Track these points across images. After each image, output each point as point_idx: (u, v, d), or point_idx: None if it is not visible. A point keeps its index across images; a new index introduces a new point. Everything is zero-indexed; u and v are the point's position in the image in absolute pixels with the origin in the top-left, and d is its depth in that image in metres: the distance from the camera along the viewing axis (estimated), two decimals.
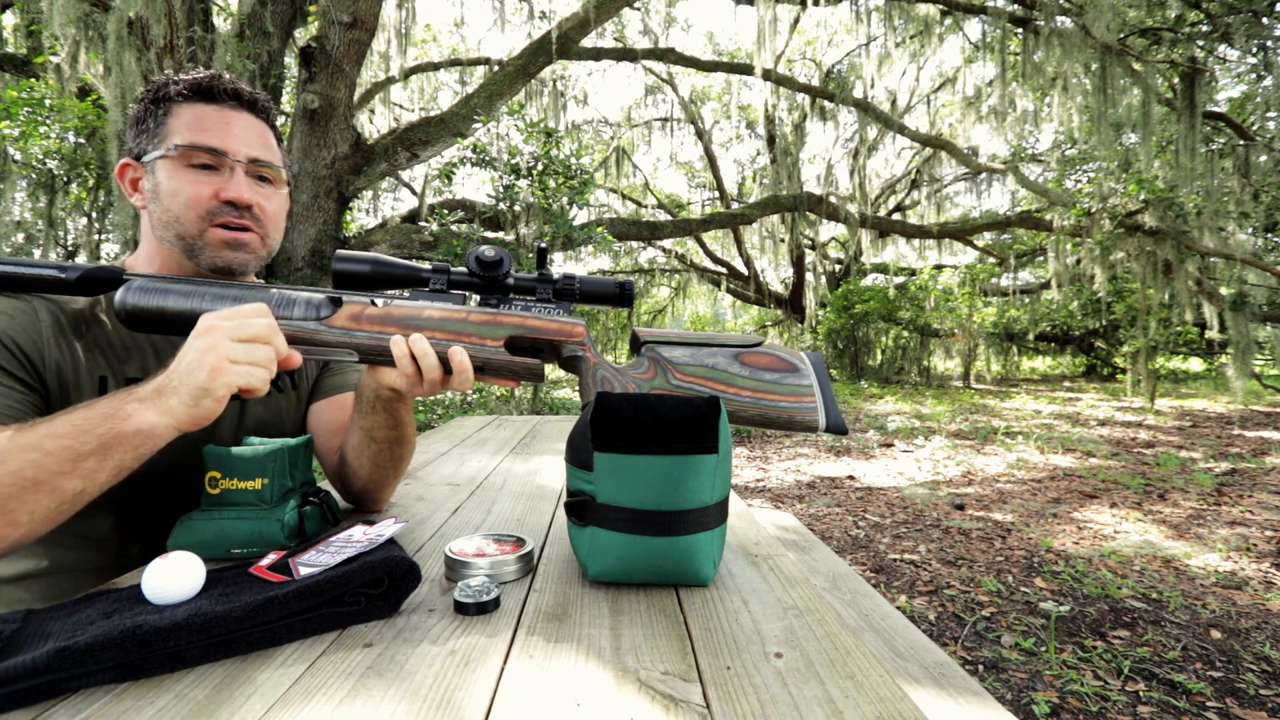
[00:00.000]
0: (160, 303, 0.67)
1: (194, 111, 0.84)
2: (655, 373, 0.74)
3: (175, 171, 0.83)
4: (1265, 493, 4.10)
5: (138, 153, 0.86)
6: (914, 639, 1.42)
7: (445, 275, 0.76)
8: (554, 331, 0.75)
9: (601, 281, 0.79)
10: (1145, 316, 8.54)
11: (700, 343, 0.76)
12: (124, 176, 0.88)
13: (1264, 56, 7.01)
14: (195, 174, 0.84)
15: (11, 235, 6.54)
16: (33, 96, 5.47)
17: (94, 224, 7.05)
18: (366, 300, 0.72)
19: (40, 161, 6.03)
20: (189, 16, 4.28)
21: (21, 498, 0.58)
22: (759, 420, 0.73)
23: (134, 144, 0.87)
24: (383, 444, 0.86)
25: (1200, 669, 2.00)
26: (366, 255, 0.74)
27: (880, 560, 3.00)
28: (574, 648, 0.53)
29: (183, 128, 0.84)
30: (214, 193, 0.84)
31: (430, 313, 0.72)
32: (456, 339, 0.71)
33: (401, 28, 6.77)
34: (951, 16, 7.89)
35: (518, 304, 0.76)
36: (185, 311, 0.67)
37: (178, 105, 0.85)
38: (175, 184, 0.83)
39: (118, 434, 0.61)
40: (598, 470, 0.64)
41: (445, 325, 0.72)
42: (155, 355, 0.88)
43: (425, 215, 6.74)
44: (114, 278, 0.68)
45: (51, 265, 0.68)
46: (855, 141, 11.95)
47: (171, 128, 0.84)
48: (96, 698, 0.45)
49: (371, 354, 0.71)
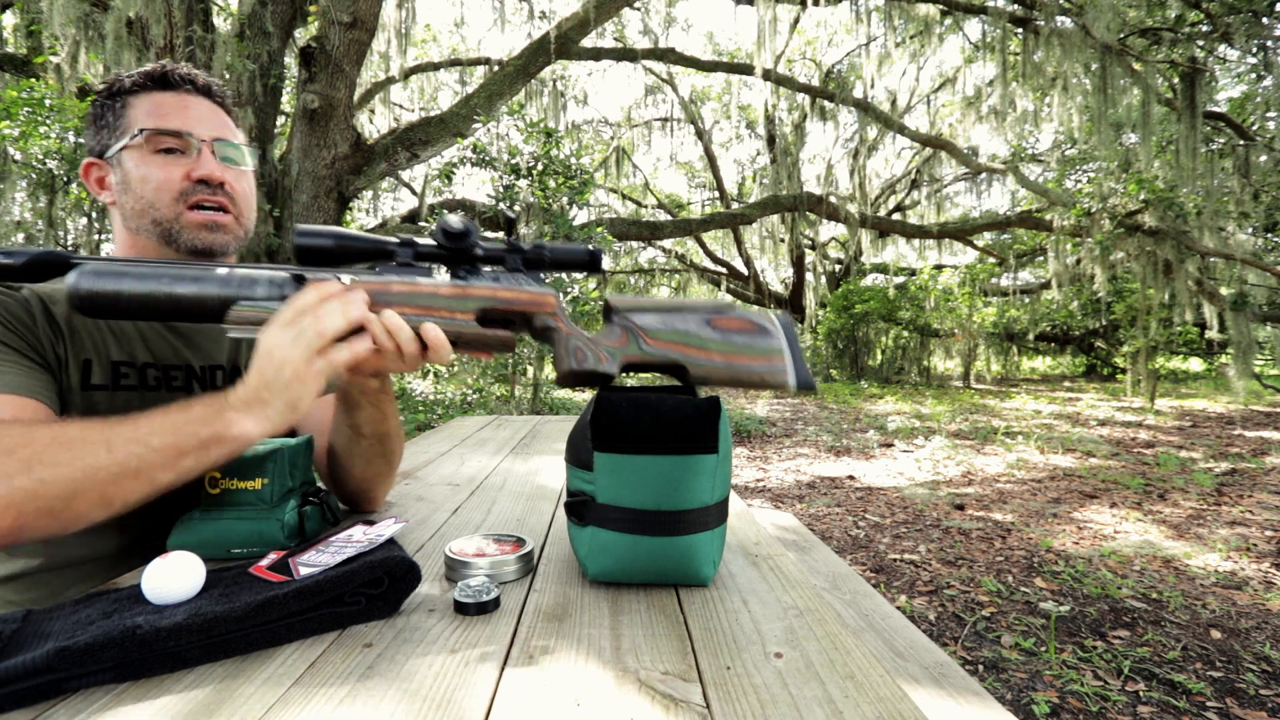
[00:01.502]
0: (115, 286, 0.64)
1: (152, 100, 0.85)
2: (627, 340, 0.73)
3: (142, 159, 0.84)
4: (1265, 493, 4.10)
5: (99, 150, 0.86)
6: (914, 639, 1.42)
7: (411, 249, 0.73)
8: (525, 303, 0.73)
9: (571, 249, 0.77)
10: (1145, 316, 8.54)
11: (671, 308, 0.75)
12: (89, 177, 0.88)
13: (1264, 56, 7.01)
14: (163, 158, 0.84)
15: (11, 235, 6.54)
16: (33, 96, 5.48)
17: (94, 224, 7.05)
18: (330, 277, 0.69)
19: (40, 161, 6.03)
20: (188, 16, 4.28)
21: (120, 484, 0.61)
22: (731, 382, 0.73)
23: (94, 142, 0.87)
24: (371, 439, 0.86)
25: (1200, 669, 2.00)
26: (329, 229, 0.71)
27: (880, 560, 3.00)
28: (574, 648, 0.53)
29: (143, 116, 0.84)
30: (184, 174, 0.84)
31: (398, 288, 0.70)
32: (427, 313, 0.70)
33: (401, 28, 6.77)
34: (951, 16, 7.90)
35: (487, 275, 0.74)
36: (143, 294, 0.64)
37: (135, 96, 0.85)
38: (144, 170, 0.84)
39: (219, 437, 0.63)
40: (598, 470, 0.64)
41: (414, 300, 0.70)
42: (142, 340, 0.88)
43: (425, 215, 6.74)
44: (62, 261, 0.65)
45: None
46: (855, 141, 11.96)
47: (132, 118, 0.84)
48: (96, 698, 0.45)
49: (343, 333, 0.69)
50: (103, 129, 0.86)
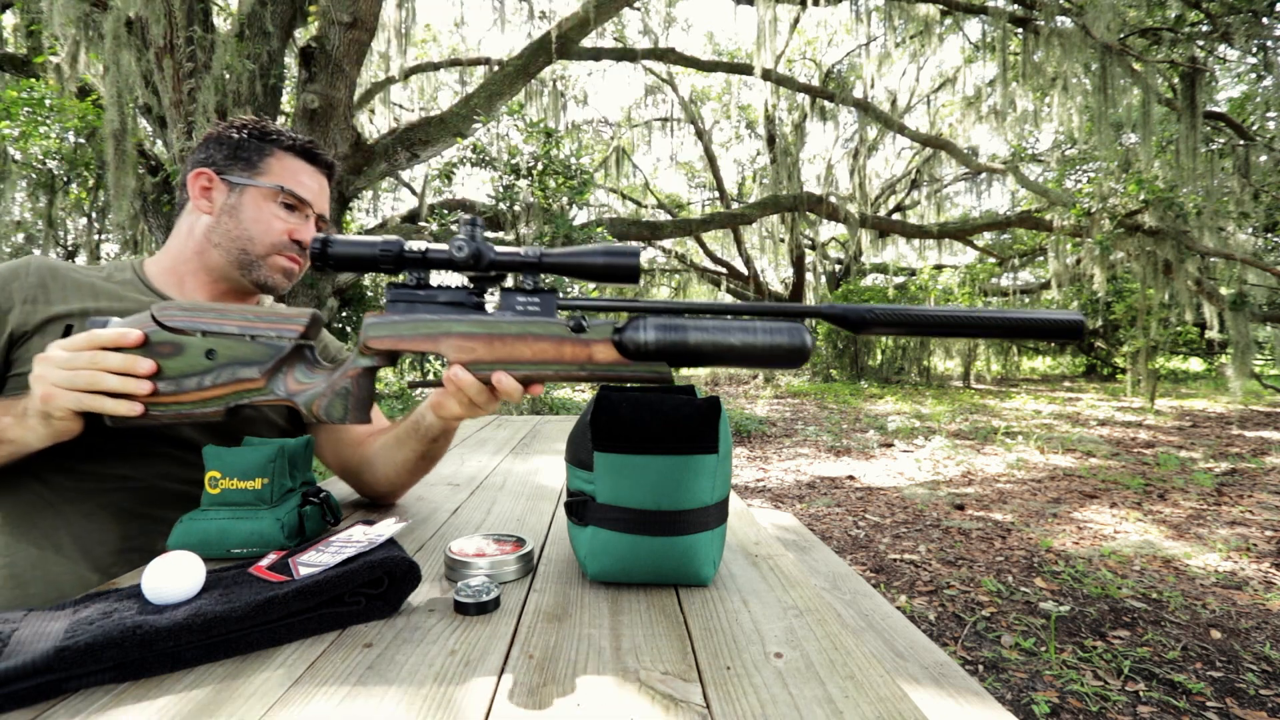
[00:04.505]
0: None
1: (295, 164, 1.00)
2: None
3: (265, 203, 0.97)
4: (1265, 493, 4.10)
5: (221, 168, 0.97)
6: (914, 639, 1.42)
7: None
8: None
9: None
10: (1145, 316, 8.53)
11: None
12: (196, 182, 0.98)
13: (1264, 56, 7.00)
14: (281, 210, 0.99)
15: (11, 235, 6.53)
16: (33, 96, 5.47)
17: (94, 224, 7.04)
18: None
19: (40, 161, 6.02)
20: (188, 16, 4.28)
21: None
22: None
23: (219, 158, 0.97)
24: (432, 460, 0.97)
25: (1200, 669, 2.00)
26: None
27: (880, 560, 3.00)
28: (574, 648, 0.53)
29: (285, 173, 0.99)
30: (289, 230, 0.99)
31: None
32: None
33: (401, 28, 6.76)
34: (951, 16, 7.89)
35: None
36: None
37: (281, 150, 0.99)
38: (261, 213, 0.97)
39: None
40: (598, 470, 0.64)
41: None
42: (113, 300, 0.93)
43: (425, 215, 6.74)
44: None
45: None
46: (855, 141, 11.96)
47: (272, 168, 0.98)
48: (96, 698, 0.45)
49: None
50: (238, 158, 0.98)
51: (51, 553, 0.83)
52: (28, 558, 0.83)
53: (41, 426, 0.71)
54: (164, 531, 0.75)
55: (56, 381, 0.67)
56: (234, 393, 0.69)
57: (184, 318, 0.70)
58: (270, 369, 0.70)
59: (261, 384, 0.70)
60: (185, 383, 0.69)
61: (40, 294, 0.87)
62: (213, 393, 0.69)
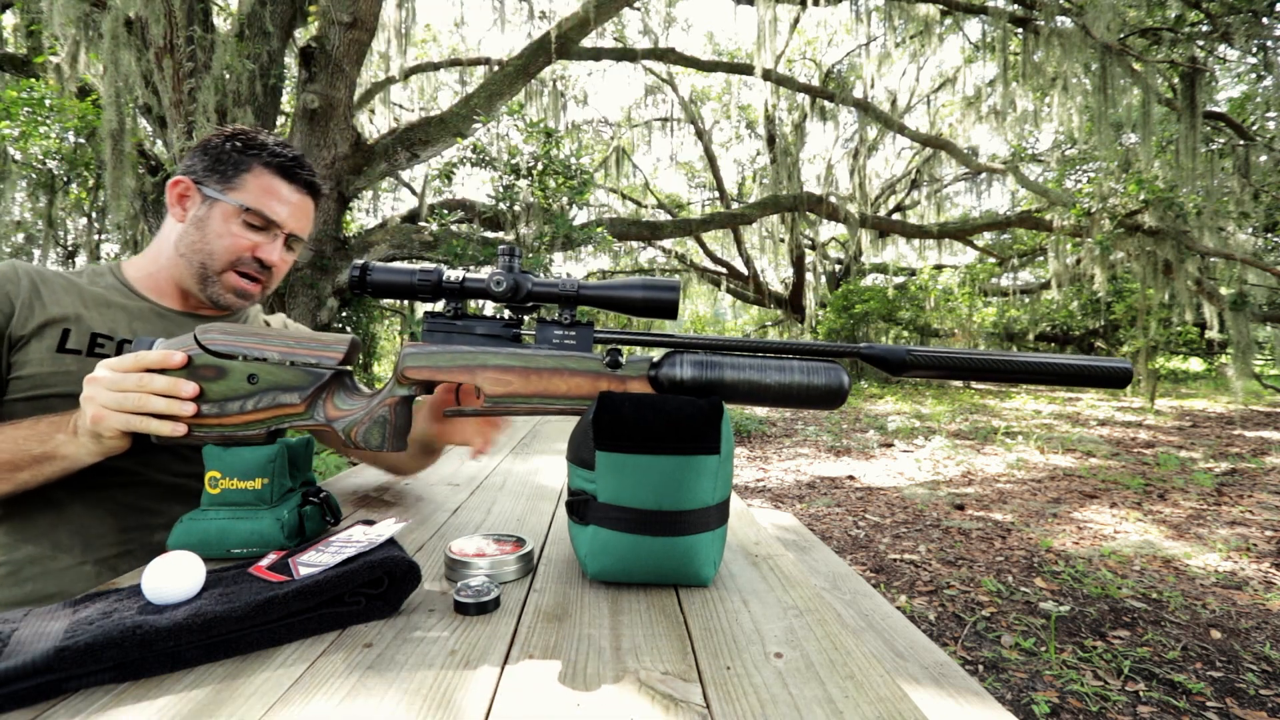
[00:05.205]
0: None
1: (273, 182, 0.96)
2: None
3: (230, 220, 0.94)
4: (1265, 493, 4.10)
5: (199, 178, 0.95)
6: (914, 639, 1.42)
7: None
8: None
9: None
10: (1145, 316, 8.53)
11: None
12: (175, 189, 0.96)
13: (1264, 56, 7.00)
14: (245, 230, 0.95)
15: (11, 235, 6.53)
16: (33, 96, 5.47)
17: (94, 224, 7.04)
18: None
19: (40, 161, 6.02)
20: (188, 16, 4.28)
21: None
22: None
23: (199, 168, 0.96)
24: (436, 453, 1.06)
25: (1200, 669, 2.00)
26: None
27: (880, 560, 3.00)
28: (574, 648, 0.53)
29: (258, 191, 0.95)
30: (252, 247, 0.96)
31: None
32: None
33: (401, 28, 6.76)
34: (951, 16, 7.89)
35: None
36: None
37: (259, 166, 0.95)
38: (225, 228, 0.94)
39: (50, 456, 0.75)
40: (599, 469, 0.64)
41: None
42: (127, 320, 0.93)
43: (425, 215, 6.74)
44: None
45: None
46: (855, 141, 11.95)
47: (247, 184, 0.95)
48: (96, 698, 0.45)
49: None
50: (217, 170, 0.94)
51: (50, 548, 0.83)
52: (27, 553, 0.83)
53: (93, 444, 0.73)
54: (163, 527, 0.75)
55: (106, 404, 0.69)
56: (275, 417, 0.71)
57: (226, 341, 0.72)
58: (311, 395, 0.71)
59: (302, 409, 0.71)
60: (228, 406, 0.70)
61: (34, 298, 0.88)
62: (254, 416, 0.71)
